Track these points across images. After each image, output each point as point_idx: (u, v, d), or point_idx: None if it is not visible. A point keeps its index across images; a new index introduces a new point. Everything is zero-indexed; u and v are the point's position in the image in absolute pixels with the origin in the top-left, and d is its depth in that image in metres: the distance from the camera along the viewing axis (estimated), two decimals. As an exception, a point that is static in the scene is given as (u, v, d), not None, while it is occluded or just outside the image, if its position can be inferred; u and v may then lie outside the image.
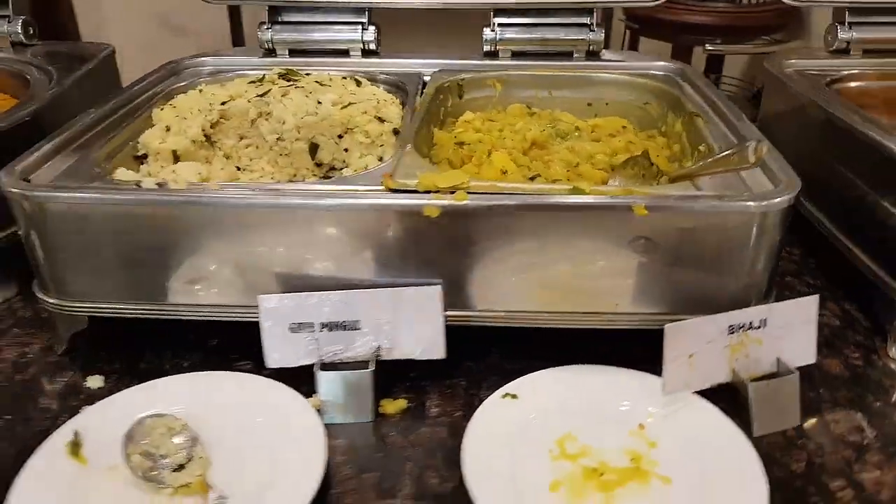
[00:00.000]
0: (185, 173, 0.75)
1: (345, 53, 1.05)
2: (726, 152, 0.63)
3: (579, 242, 0.62)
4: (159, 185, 0.64)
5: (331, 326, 0.63)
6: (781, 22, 2.14)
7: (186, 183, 0.69)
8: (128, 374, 0.69)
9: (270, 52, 1.06)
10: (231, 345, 0.72)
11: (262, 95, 0.84)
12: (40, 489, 0.53)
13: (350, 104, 0.83)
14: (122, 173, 0.69)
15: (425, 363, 0.65)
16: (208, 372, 0.65)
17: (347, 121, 0.81)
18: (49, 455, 0.56)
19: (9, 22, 1.07)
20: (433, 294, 0.63)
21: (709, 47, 2.02)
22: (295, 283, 0.65)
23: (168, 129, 0.80)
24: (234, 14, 2.43)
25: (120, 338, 0.73)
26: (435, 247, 0.63)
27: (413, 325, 0.64)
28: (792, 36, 2.17)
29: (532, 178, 0.72)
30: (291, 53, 1.05)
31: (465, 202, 0.60)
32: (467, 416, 0.63)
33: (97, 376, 0.68)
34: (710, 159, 0.64)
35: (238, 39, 2.43)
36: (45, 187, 0.64)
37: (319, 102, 0.82)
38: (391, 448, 0.60)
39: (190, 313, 0.67)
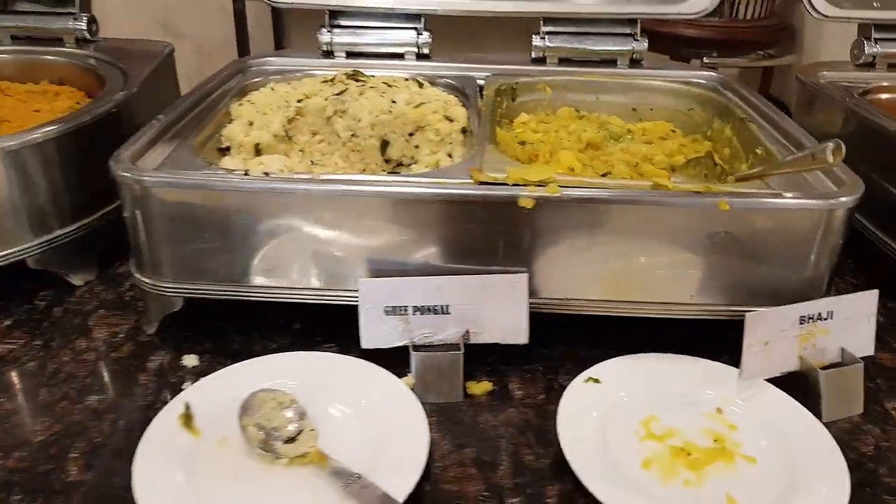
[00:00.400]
0: (272, 165, 0.78)
1: (399, 56, 1.09)
2: (804, 153, 0.67)
3: (660, 235, 0.66)
4: (266, 174, 0.67)
5: (423, 310, 0.67)
6: (774, 38, 2.22)
7: (291, 172, 0.72)
8: (220, 353, 0.72)
9: (328, 54, 1.09)
10: (314, 328, 0.75)
11: (339, 94, 0.87)
12: (162, 459, 0.56)
13: (421, 104, 0.87)
14: (228, 162, 0.72)
15: (501, 348, 0.69)
16: (305, 352, 0.68)
17: (420, 119, 0.85)
18: (164, 427, 0.59)
19: (75, 19, 1.10)
20: (520, 281, 0.66)
21: (705, 60, 2.09)
22: (384, 270, 0.68)
23: (251, 123, 0.84)
24: (240, 19, 2.47)
25: (205, 320, 0.76)
26: (520, 237, 0.67)
27: (499, 310, 0.67)
28: (784, 51, 2.25)
29: (604, 175, 0.76)
30: (348, 55, 1.09)
31: (557, 194, 0.64)
32: (549, 398, 0.67)
33: (192, 355, 0.71)
34: (787, 159, 0.68)
35: (243, 42, 2.47)
36: (158, 173, 0.67)
37: (394, 101, 0.86)
38: (484, 427, 0.64)
39: (283, 296, 0.70)
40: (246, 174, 0.67)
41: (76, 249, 0.83)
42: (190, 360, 0.71)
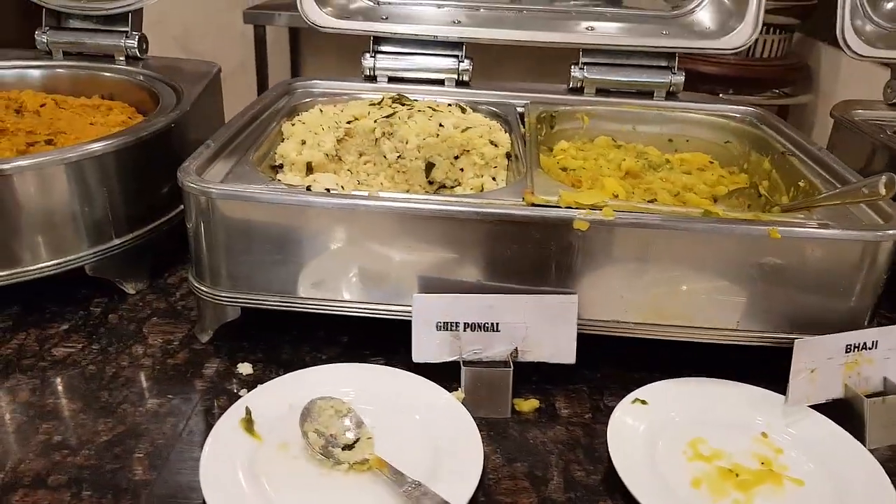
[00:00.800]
0: (325, 183, 0.81)
1: (440, 83, 1.12)
2: (854, 185, 0.69)
3: (709, 262, 0.68)
4: (327, 189, 0.70)
5: (473, 327, 0.68)
6: (790, 77, 2.26)
7: (351, 189, 0.75)
8: (273, 363, 0.74)
9: (371, 79, 1.13)
10: (362, 342, 0.77)
11: (387, 117, 0.90)
12: (227, 461, 0.57)
13: (468, 128, 0.90)
14: (290, 178, 0.75)
15: (546, 367, 0.70)
16: (357, 363, 0.70)
17: (465, 143, 0.88)
18: (226, 431, 0.60)
19: (126, 36, 1.14)
20: (570, 302, 0.68)
21: (722, 97, 2.12)
22: (435, 287, 0.70)
23: (303, 142, 0.87)
24: (260, 44, 2.54)
25: (256, 331, 0.78)
26: (571, 258, 0.69)
27: (548, 330, 0.69)
28: (799, 91, 2.29)
29: (650, 202, 0.78)
30: (390, 80, 1.12)
31: (612, 218, 0.66)
32: (596, 418, 0.68)
33: (246, 364, 0.73)
34: (837, 191, 0.70)
35: (262, 67, 2.54)
36: (226, 185, 0.70)
37: (441, 125, 0.89)
38: (533, 442, 0.65)
39: (335, 309, 0.72)
40: (308, 189, 0.70)
41: (130, 259, 0.85)
42: (244, 368, 0.72)
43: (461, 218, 0.69)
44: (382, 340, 0.75)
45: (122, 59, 1.15)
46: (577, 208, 0.68)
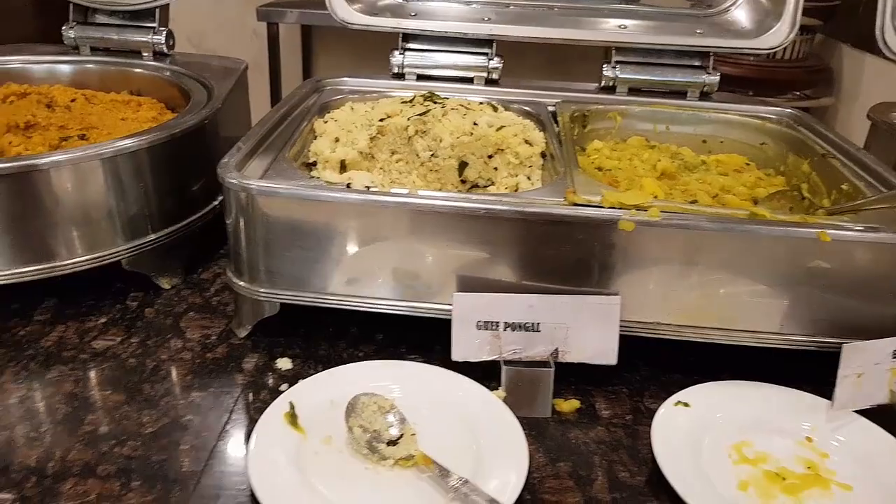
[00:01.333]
0: (361, 180, 0.80)
1: (468, 80, 1.12)
2: (904, 188, 0.68)
3: (753, 264, 0.67)
4: (367, 187, 0.70)
5: (514, 326, 0.68)
6: (812, 79, 2.23)
7: (391, 187, 0.74)
8: (310, 358, 0.74)
9: (399, 76, 1.12)
10: (397, 339, 0.77)
11: (421, 115, 0.90)
12: (273, 454, 0.57)
13: (502, 127, 0.90)
14: (329, 175, 0.75)
15: (585, 368, 0.70)
16: (396, 360, 0.70)
17: (500, 142, 0.87)
18: (271, 424, 0.60)
19: (154, 32, 1.14)
20: (613, 304, 0.68)
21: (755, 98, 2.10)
22: (474, 286, 0.70)
23: (337, 140, 0.86)
24: (274, 43, 2.54)
25: (292, 326, 0.77)
26: (614, 259, 0.68)
27: (589, 331, 0.68)
28: (820, 93, 2.27)
29: (692, 202, 0.78)
30: (418, 78, 1.12)
31: (657, 219, 0.65)
32: (637, 419, 0.68)
33: (285, 359, 0.73)
34: (886, 194, 0.69)
35: (275, 65, 2.54)
36: (268, 181, 0.70)
37: (476, 124, 0.89)
38: (576, 443, 0.64)
39: (374, 306, 0.72)
40: (348, 187, 0.70)
41: (164, 254, 0.85)
42: (283, 364, 0.72)
43: (504, 217, 0.68)
44: (418, 338, 0.75)
45: (147, 54, 1.14)
46: (621, 209, 0.67)
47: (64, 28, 1.16)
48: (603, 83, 1.10)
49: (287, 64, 2.66)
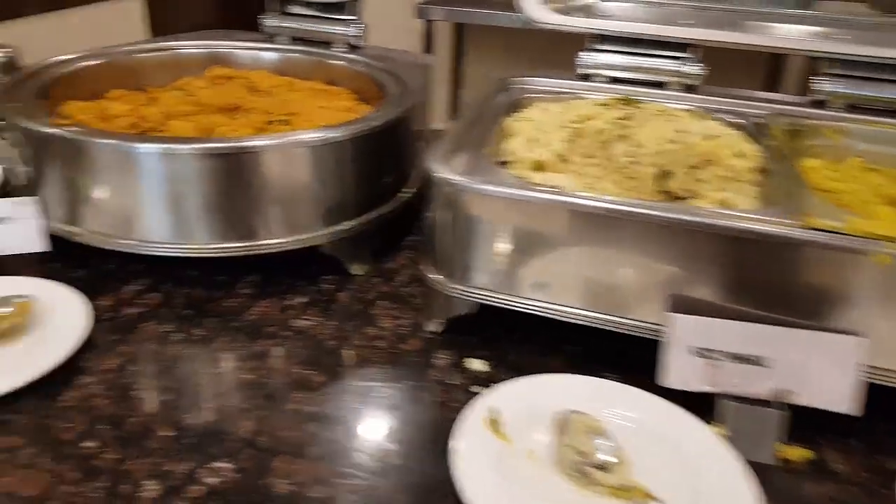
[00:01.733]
0: (561, 184, 0.78)
1: (659, 85, 1.06)
2: None
3: None
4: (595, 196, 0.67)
5: (737, 357, 0.62)
6: None
7: (606, 194, 0.71)
8: (502, 363, 0.72)
9: (585, 77, 1.08)
10: (589, 352, 0.73)
11: (622, 119, 0.86)
12: (478, 458, 0.56)
13: (715, 137, 0.84)
14: (539, 177, 0.73)
15: (813, 414, 0.62)
16: (597, 377, 0.66)
17: (709, 153, 0.81)
18: (474, 427, 0.59)
19: (349, 25, 1.18)
20: (856, 344, 0.60)
21: None
22: (685, 307, 0.65)
23: (532, 140, 0.84)
24: (429, 39, 2.56)
25: (479, 328, 0.76)
26: (857, 294, 0.61)
27: (825, 372, 0.61)
28: None
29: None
30: (611, 81, 1.07)
31: (922, 255, 0.58)
32: (875, 479, 0.60)
33: (478, 360, 0.72)
34: None
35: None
36: (478, 178, 0.69)
37: (681, 132, 0.83)
38: (808, 499, 0.58)
39: (572, 316, 0.69)
40: (560, 189, 0.67)
41: (357, 242, 0.87)
42: (476, 365, 0.71)
43: (730, 235, 0.63)
44: (610, 352, 0.71)
45: (339, 46, 1.18)
46: (871, 238, 0.60)
47: (260, 17, 1.22)
48: (815, 97, 1.00)
49: (437, 62, 2.71)
